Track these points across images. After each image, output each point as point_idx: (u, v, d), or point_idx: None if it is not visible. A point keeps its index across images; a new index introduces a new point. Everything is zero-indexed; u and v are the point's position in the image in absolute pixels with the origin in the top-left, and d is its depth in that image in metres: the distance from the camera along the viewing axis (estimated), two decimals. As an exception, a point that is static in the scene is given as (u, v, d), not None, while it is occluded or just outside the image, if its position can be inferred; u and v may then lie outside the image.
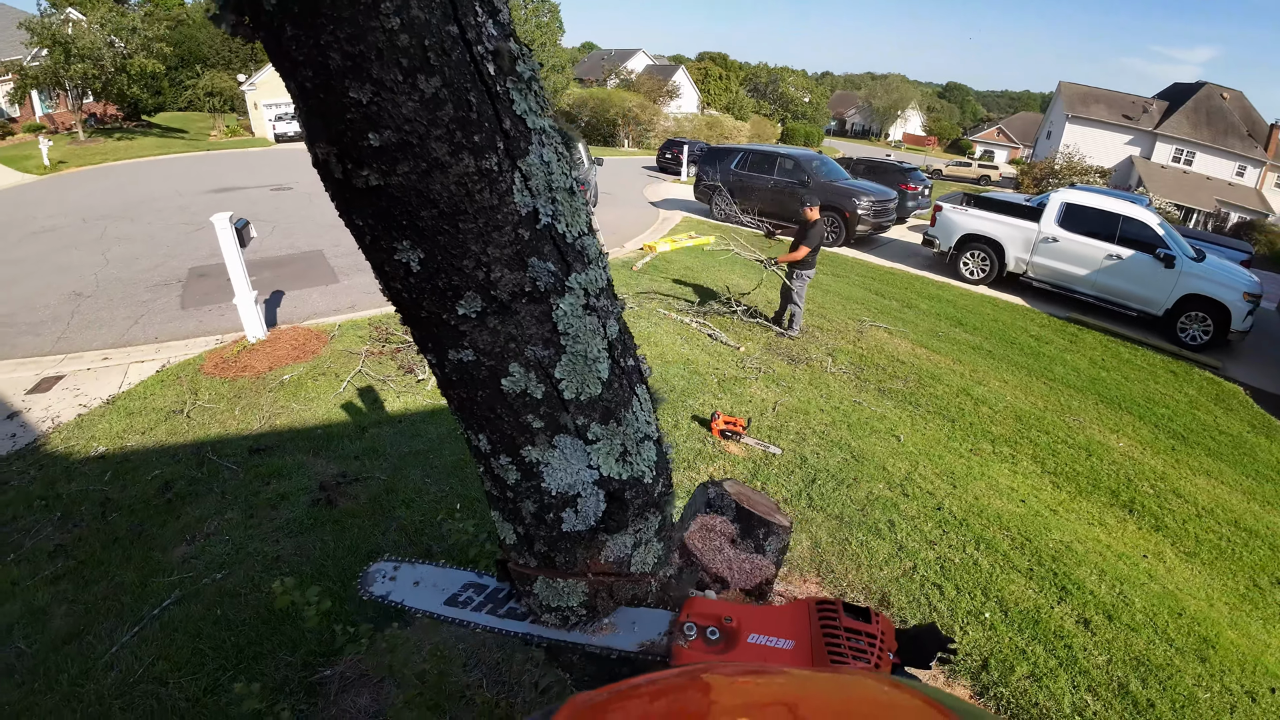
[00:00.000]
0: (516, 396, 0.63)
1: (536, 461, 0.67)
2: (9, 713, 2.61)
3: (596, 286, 0.63)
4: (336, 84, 0.47)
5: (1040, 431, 5.81)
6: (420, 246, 0.56)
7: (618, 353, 0.67)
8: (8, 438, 5.02)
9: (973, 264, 11.34)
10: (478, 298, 0.58)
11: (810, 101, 68.44)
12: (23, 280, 9.07)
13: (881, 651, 0.74)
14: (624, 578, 0.81)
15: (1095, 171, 28.35)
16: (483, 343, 0.61)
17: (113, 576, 3.39)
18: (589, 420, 0.66)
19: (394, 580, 0.93)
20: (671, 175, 22.94)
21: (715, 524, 1.47)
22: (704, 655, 0.73)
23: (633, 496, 0.71)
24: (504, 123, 0.52)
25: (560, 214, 0.58)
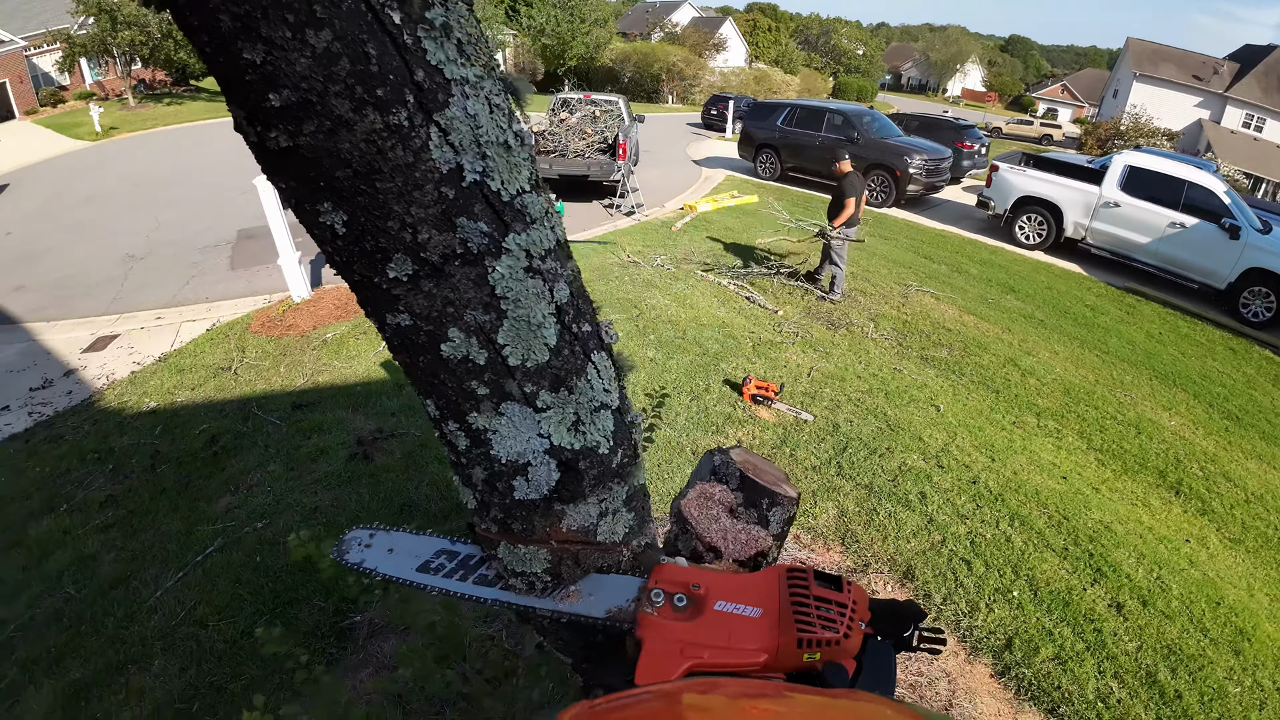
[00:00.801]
0: (458, 362, 0.61)
1: (484, 429, 0.65)
2: (56, 654, 2.81)
3: (541, 248, 0.60)
4: (231, 46, 0.45)
5: (1089, 406, 5.57)
6: (342, 208, 0.54)
7: (568, 318, 0.64)
8: (64, 394, 5.32)
9: (1029, 228, 10.82)
10: (407, 260, 0.56)
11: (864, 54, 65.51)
12: (78, 244, 9.49)
13: (852, 621, 0.72)
14: (591, 546, 0.80)
15: (1162, 134, 26.66)
16: (418, 307, 0.59)
17: (159, 525, 3.58)
18: (537, 388, 0.64)
19: (369, 548, 0.94)
20: (716, 132, 22.39)
21: (714, 492, 1.44)
22: (672, 622, 0.72)
23: (587, 467, 0.69)
24: (415, 74, 0.49)
25: (493, 170, 0.55)
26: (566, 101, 12.17)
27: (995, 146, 19.93)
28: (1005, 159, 11.36)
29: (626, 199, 10.77)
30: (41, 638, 2.93)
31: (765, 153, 13.96)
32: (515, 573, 0.80)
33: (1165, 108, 32.20)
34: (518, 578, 0.81)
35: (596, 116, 11.69)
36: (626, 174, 10.81)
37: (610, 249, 8.42)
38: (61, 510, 3.79)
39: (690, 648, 0.69)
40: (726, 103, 22.41)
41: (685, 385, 5.06)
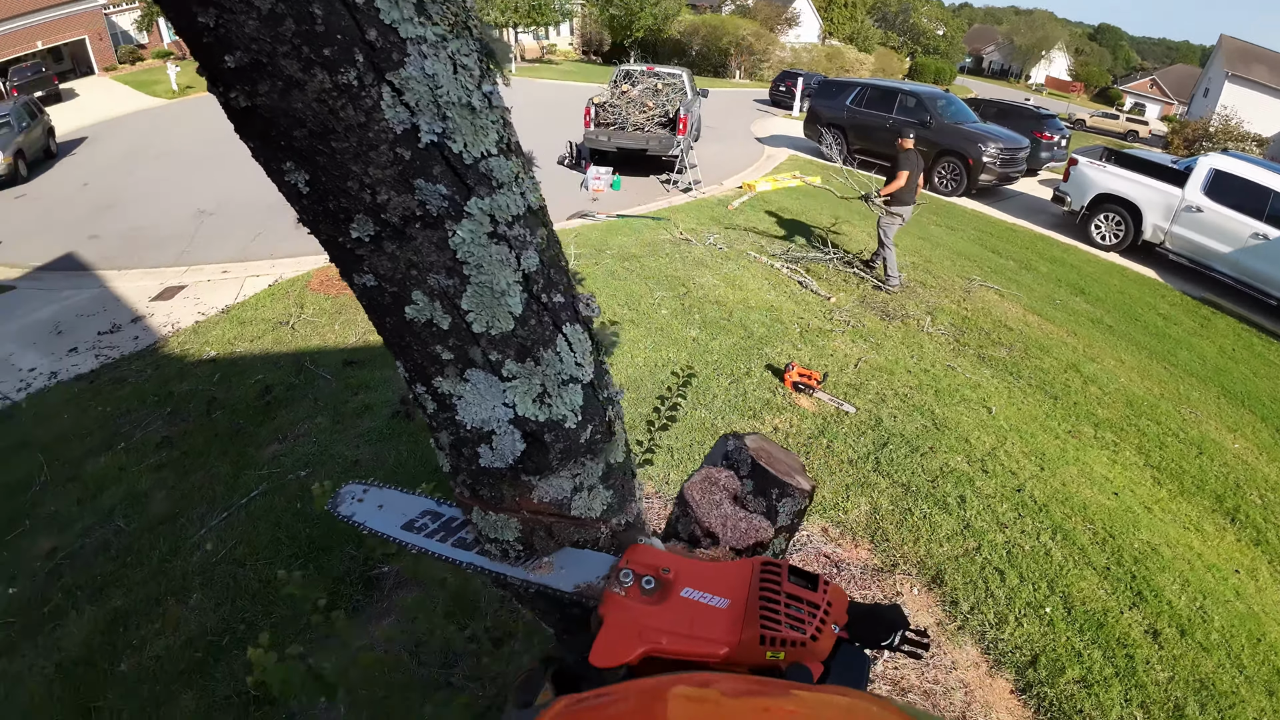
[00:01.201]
0: (423, 326, 0.61)
1: (449, 393, 0.65)
2: (101, 583, 3.02)
3: (507, 213, 0.59)
4: (186, 10, 0.47)
5: (1151, 420, 5.27)
6: (303, 167, 0.54)
7: (536, 287, 0.63)
8: (131, 339, 5.65)
9: (1105, 227, 10.24)
10: (369, 221, 0.56)
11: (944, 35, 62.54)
12: (152, 198, 10.00)
13: (823, 623, 0.69)
14: (565, 520, 0.80)
15: (1252, 139, 24.66)
16: (382, 268, 0.59)
17: (210, 468, 3.79)
18: (503, 356, 0.64)
19: (361, 502, 0.97)
20: (783, 110, 21.82)
21: (720, 477, 1.43)
22: (636, 604, 0.71)
23: (553, 440, 0.69)
24: (366, 34, 0.48)
25: (454, 131, 0.54)
26: (629, 73, 12.04)
27: (1076, 139, 18.82)
28: (1085, 153, 10.73)
29: (684, 175, 10.64)
30: (89, 566, 3.15)
31: (832, 133, 13.54)
32: (489, 539, 0.81)
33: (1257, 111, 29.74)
34: (492, 544, 0.81)
35: (659, 89, 11.54)
36: (686, 149, 10.66)
37: (663, 225, 8.36)
38: (119, 448, 4.05)
39: (649, 632, 0.68)
40: (795, 79, 21.76)
41: (726, 367, 5.02)
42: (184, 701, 2.44)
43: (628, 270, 6.72)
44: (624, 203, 9.58)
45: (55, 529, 3.46)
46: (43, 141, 13.44)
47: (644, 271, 6.72)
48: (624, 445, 0.85)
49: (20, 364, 5.34)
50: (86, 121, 17.25)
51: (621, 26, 34.02)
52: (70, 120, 16.98)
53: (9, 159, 11.40)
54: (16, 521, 3.53)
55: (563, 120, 13.66)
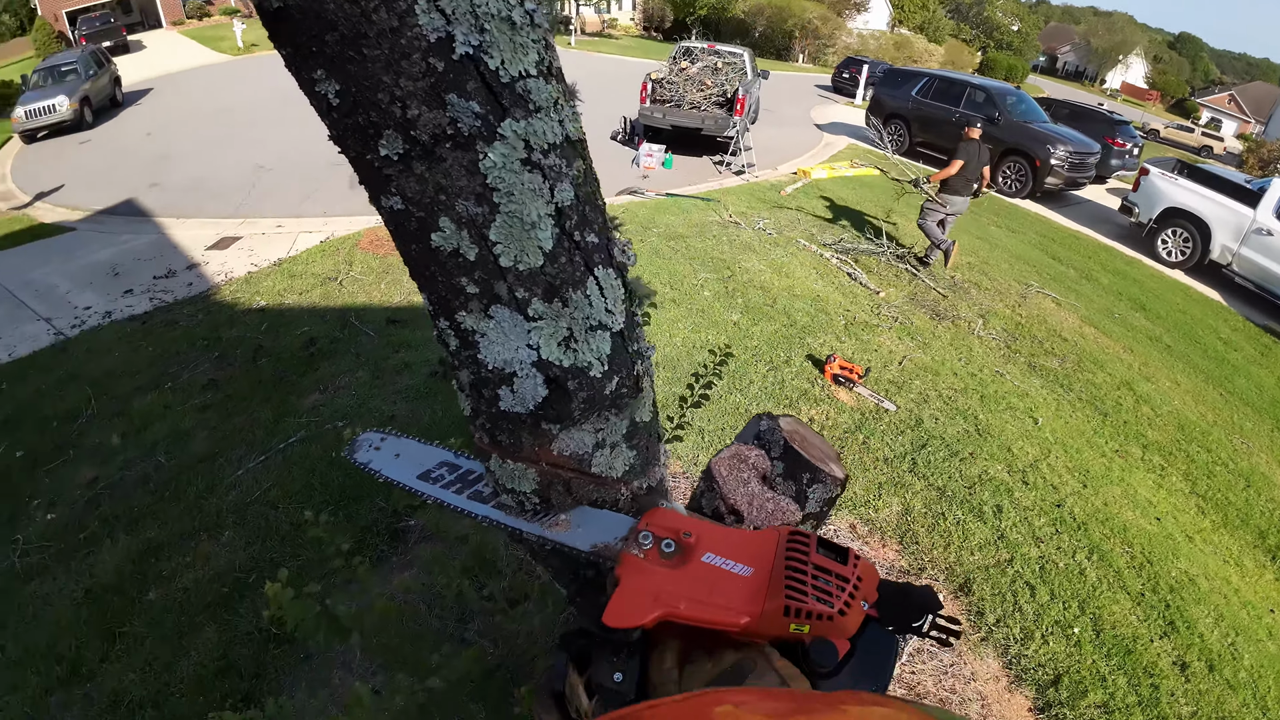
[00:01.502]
0: (448, 255, 0.59)
1: (472, 330, 0.63)
2: (137, 514, 3.14)
3: (543, 141, 0.56)
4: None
5: (1201, 447, 5.03)
6: (334, 76, 0.52)
7: (570, 223, 0.60)
8: (185, 285, 5.85)
9: (1172, 243, 9.77)
10: (398, 137, 0.53)
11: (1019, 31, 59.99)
12: (214, 150, 10.28)
13: (851, 598, 0.64)
14: (585, 476, 0.77)
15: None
16: (410, 190, 0.56)
17: (252, 412, 3.90)
18: (530, 294, 0.61)
19: (378, 450, 0.95)
20: (845, 97, 21.24)
21: (750, 455, 1.38)
22: (654, 566, 0.68)
23: (576, 388, 0.66)
24: (401, -70, 0.45)
25: (491, 46, 0.51)
26: (689, 50, 11.84)
27: (1149, 149, 17.93)
28: (1158, 163, 10.23)
29: (738, 157, 10.46)
30: (127, 498, 3.28)
31: (894, 123, 13.13)
32: (505, 489, 0.79)
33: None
34: (508, 494, 0.79)
35: (718, 68, 11.32)
36: (742, 131, 10.46)
37: (712, 207, 8.25)
38: (166, 387, 4.20)
39: (667, 595, 0.65)
40: (860, 67, 21.13)
41: (765, 354, 4.95)
42: (206, 634, 2.53)
43: (673, 250, 6.66)
44: (675, 181, 9.48)
45: (98, 460, 3.60)
46: (109, 90, 13.93)
47: (689, 252, 6.65)
48: (651, 405, 0.81)
49: (76, 302, 5.58)
50: (152, 74, 17.83)
51: (685, 3, 33.52)
52: (136, 71, 17.59)
53: (75, 104, 11.87)
54: (62, 450, 3.70)
55: (619, 95, 13.54)
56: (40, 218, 7.95)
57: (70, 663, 2.51)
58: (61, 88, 12.09)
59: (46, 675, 2.47)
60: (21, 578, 2.87)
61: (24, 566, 2.91)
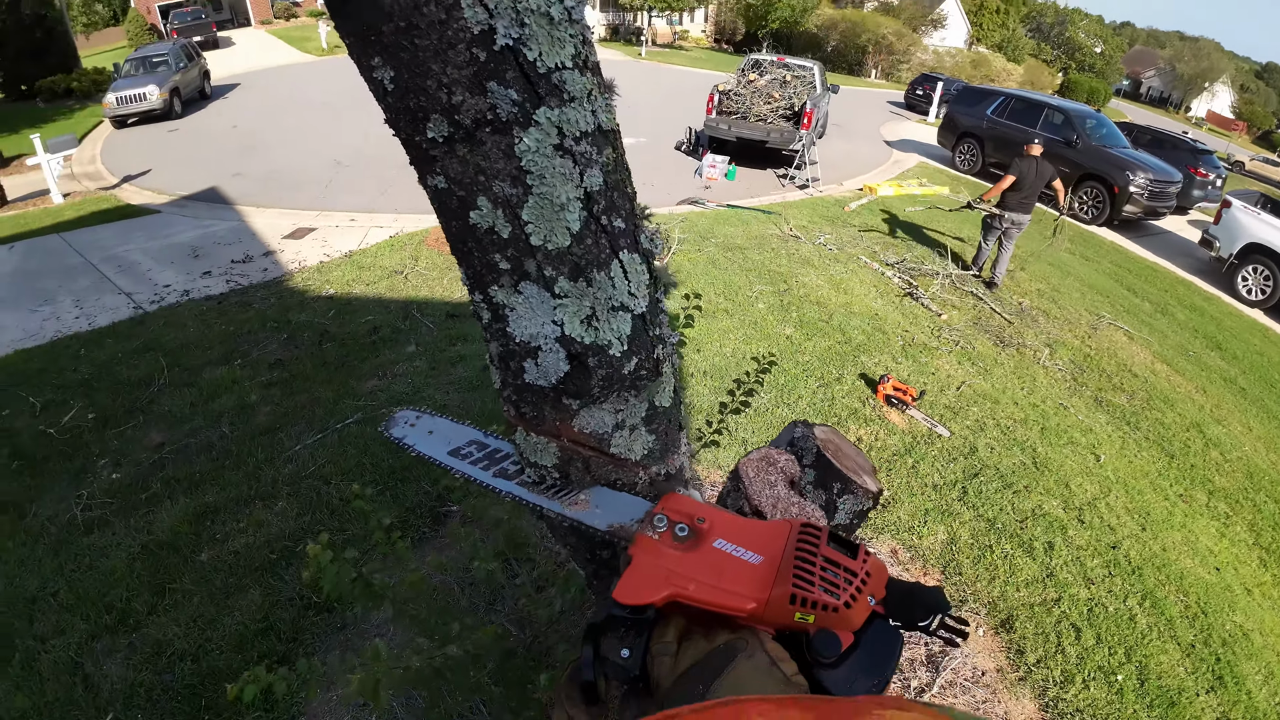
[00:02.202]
0: (484, 232, 0.64)
1: (503, 304, 0.67)
2: (198, 479, 3.32)
3: (576, 128, 0.60)
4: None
5: (1269, 498, 4.74)
6: (389, 64, 0.57)
7: (597, 208, 0.64)
8: (260, 270, 6.17)
9: (1253, 280, 9.21)
10: (444, 121, 0.58)
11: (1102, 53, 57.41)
12: (295, 145, 10.81)
13: (859, 592, 0.66)
14: (604, 456, 0.81)
15: None
16: (453, 171, 0.61)
17: (314, 392, 4.09)
18: (556, 273, 0.65)
19: (413, 427, 1.01)
20: (917, 114, 20.78)
21: (779, 459, 1.40)
22: (667, 548, 0.70)
23: (596, 365, 0.70)
24: (451, -73, 0.50)
25: (530, 38, 0.55)
26: (758, 63, 11.82)
27: (1233, 182, 16.89)
28: (1241, 195, 9.66)
29: (803, 171, 10.37)
30: (190, 463, 3.48)
31: (967, 142, 12.80)
32: (529, 462, 0.83)
33: None
34: (532, 468, 0.84)
35: (786, 81, 11.26)
36: (808, 145, 10.38)
37: (773, 220, 8.21)
38: (235, 363, 4.45)
39: (676, 576, 0.68)
40: (934, 84, 20.64)
41: (816, 370, 4.90)
42: (251, 595, 2.67)
43: (730, 260, 6.66)
44: (737, 193, 9.48)
45: (166, 425, 3.84)
46: (198, 83, 14.80)
47: (746, 263, 6.64)
48: (672, 391, 0.84)
49: (157, 279, 5.97)
50: (240, 69, 18.91)
51: (757, 16, 33.44)
52: (225, 66, 18.69)
53: (164, 94, 12.64)
54: (133, 415, 3.95)
55: (686, 107, 13.63)
56: (127, 199, 8.49)
57: (119, 612, 2.66)
58: (152, 78, 12.86)
59: (95, 622, 2.62)
60: (81, 529, 3.07)
61: (85, 519, 3.12)
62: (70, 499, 3.27)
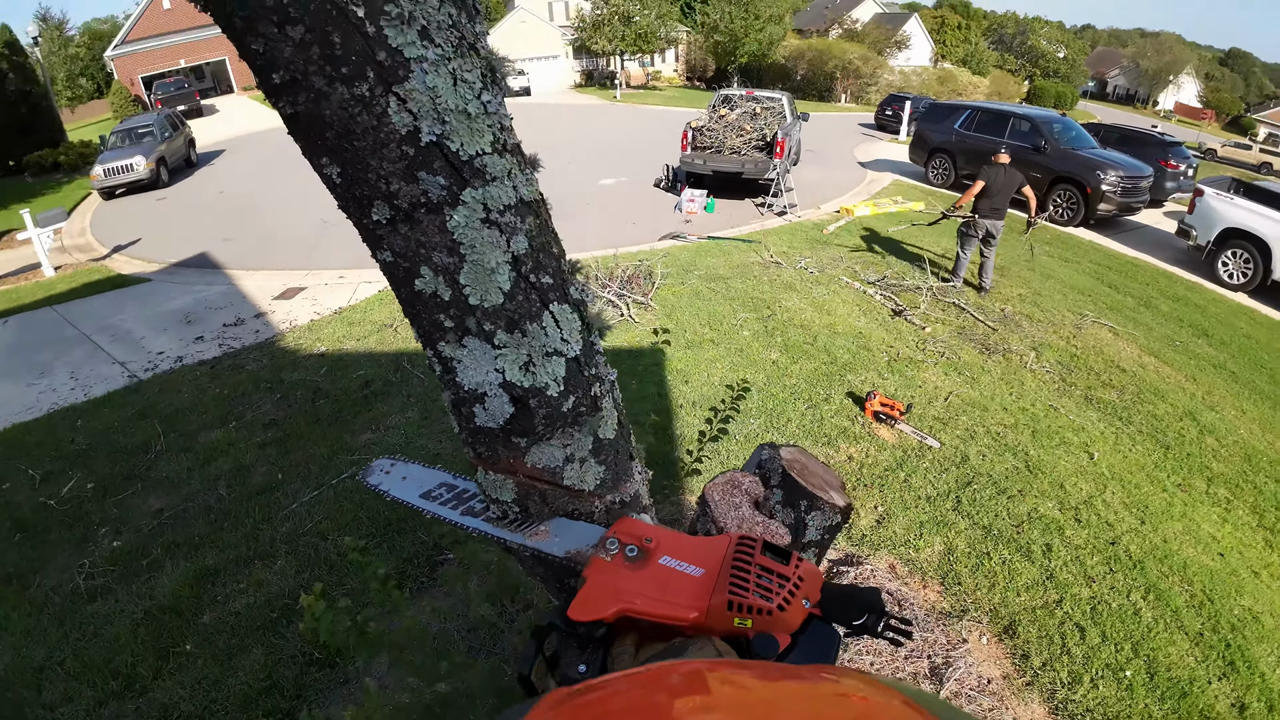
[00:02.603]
0: (429, 296, 0.72)
1: (450, 357, 0.76)
2: (197, 542, 3.37)
3: (499, 203, 0.70)
4: (243, 40, 0.62)
5: (1270, 478, 4.75)
6: (335, 162, 0.67)
7: (525, 268, 0.73)
8: (252, 332, 6.28)
9: (1233, 265, 9.33)
10: (385, 206, 0.68)
11: (1065, 58, 58.77)
12: (282, 206, 11.02)
13: (791, 596, 0.71)
14: (558, 488, 0.88)
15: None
16: (397, 246, 0.71)
17: (308, 449, 4.16)
18: (494, 327, 0.74)
19: (388, 474, 1.09)
20: (889, 134, 21.24)
21: (743, 482, 1.48)
22: (618, 568, 0.76)
23: (537, 405, 0.78)
24: (377, 55, 0.61)
25: (451, 133, 0.65)
26: (727, 98, 12.17)
27: (1205, 169, 17.22)
28: (1212, 183, 9.86)
29: (780, 198, 10.60)
30: (189, 526, 3.52)
31: (939, 157, 13.09)
32: (491, 499, 0.91)
33: None
34: (494, 504, 0.91)
35: (757, 113, 11.58)
36: (783, 173, 10.63)
37: (754, 248, 8.37)
38: (230, 425, 4.52)
39: (625, 593, 0.74)
40: (903, 103, 21.14)
41: (804, 393, 4.96)
42: (254, 655, 2.69)
43: (713, 291, 6.78)
44: (717, 225, 9.68)
45: (164, 491, 3.89)
46: (184, 151, 15.12)
47: (729, 293, 6.76)
48: (615, 423, 0.92)
49: (150, 347, 6.06)
50: (224, 136, 19.31)
51: (726, 52, 34.38)
52: (210, 134, 19.09)
53: (151, 164, 12.91)
54: (131, 482, 4.00)
55: (662, 144, 13.96)
56: (118, 269, 8.64)
57: (125, 678, 2.68)
58: (138, 148, 13.16)
59: (101, 689, 2.64)
60: (85, 598, 3.10)
61: (88, 588, 3.15)
62: (73, 568, 3.31)
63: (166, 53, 28.43)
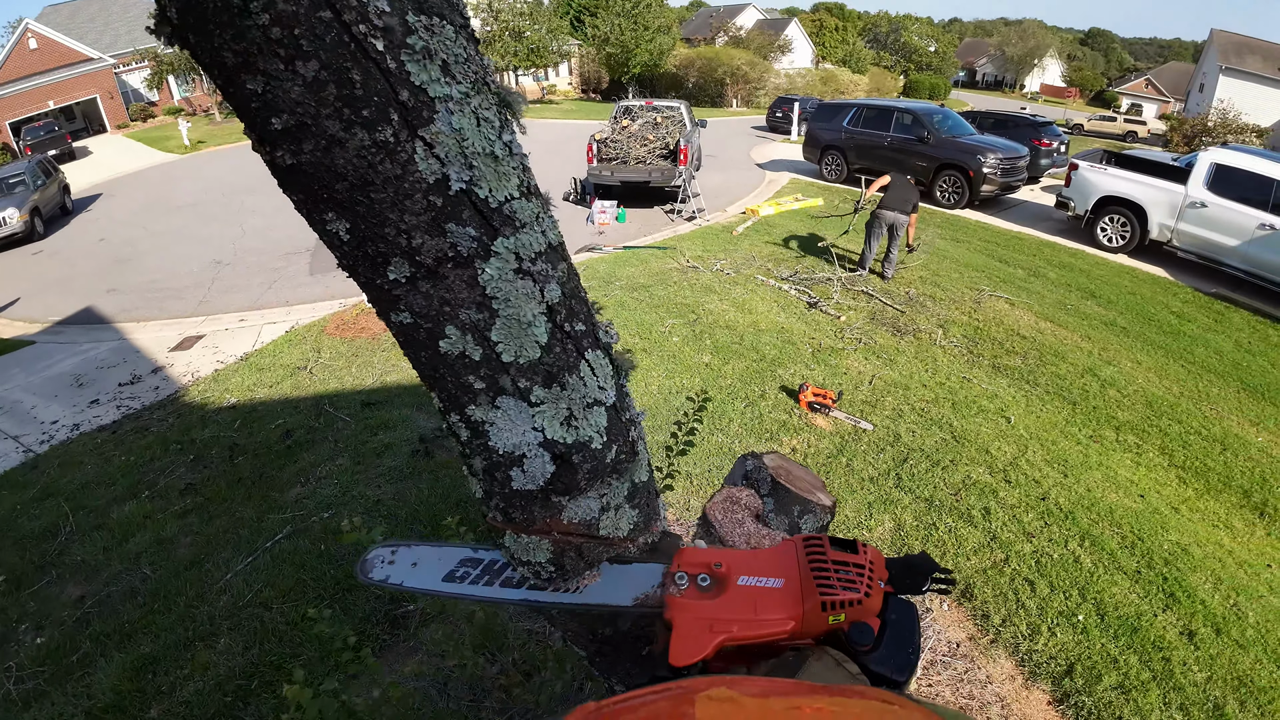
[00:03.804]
0: (456, 358, 0.66)
1: (482, 420, 0.69)
2: (129, 629, 3.04)
3: (530, 250, 0.64)
4: (236, 78, 0.52)
5: (1172, 420, 5.22)
6: (344, 217, 0.59)
7: (560, 317, 0.68)
8: (151, 389, 5.76)
9: (1111, 230, 10.23)
10: (405, 263, 0.61)
11: (936, 51, 63.29)
12: (169, 249, 10.25)
13: (871, 581, 0.73)
14: (594, 540, 0.83)
15: (1251, 130, 24.73)
16: (417, 306, 0.63)
17: (234, 512, 3.83)
18: (531, 383, 0.68)
19: (392, 564, 0.95)
20: (781, 135, 22.13)
21: (741, 497, 1.45)
22: (698, 601, 0.74)
23: (581, 460, 0.72)
24: (399, 95, 0.54)
25: (480, 179, 0.59)
26: (629, 109, 12.30)
27: (1076, 144, 18.93)
28: (1085, 157, 10.80)
29: (688, 204, 10.79)
30: (116, 614, 3.17)
31: (831, 154, 13.72)
32: (521, 561, 0.84)
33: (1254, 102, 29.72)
34: (524, 566, 0.84)
35: (658, 123, 11.76)
36: (688, 179, 10.83)
37: (670, 254, 8.46)
38: (143, 496, 4.11)
39: (719, 623, 0.72)
40: (792, 104, 22.13)
41: (740, 391, 5.04)
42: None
43: (637, 300, 6.79)
44: (630, 234, 9.72)
45: (83, 576, 3.49)
46: (58, 199, 13.81)
47: (653, 300, 6.79)
48: (646, 465, 0.88)
49: (42, 417, 5.45)
50: (101, 178, 17.79)
51: (618, 64, 34.81)
52: (85, 177, 17.53)
53: (25, 216, 11.72)
54: (44, 570, 3.58)
55: (567, 157, 13.91)
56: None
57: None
58: (10, 200, 11.93)
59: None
60: (19, 704, 2.73)
61: (20, 694, 2.78)
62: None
63: (34, 94, 26.01)
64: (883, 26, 63.61)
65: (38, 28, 26.21)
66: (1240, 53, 33.80)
